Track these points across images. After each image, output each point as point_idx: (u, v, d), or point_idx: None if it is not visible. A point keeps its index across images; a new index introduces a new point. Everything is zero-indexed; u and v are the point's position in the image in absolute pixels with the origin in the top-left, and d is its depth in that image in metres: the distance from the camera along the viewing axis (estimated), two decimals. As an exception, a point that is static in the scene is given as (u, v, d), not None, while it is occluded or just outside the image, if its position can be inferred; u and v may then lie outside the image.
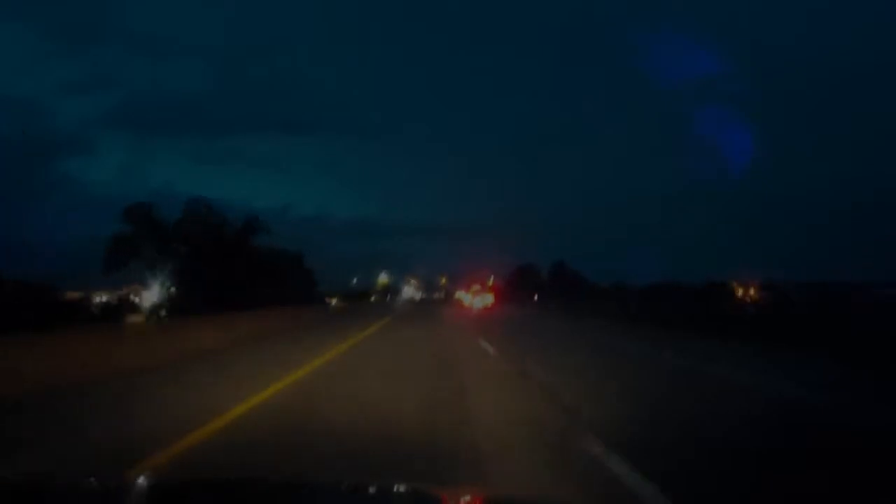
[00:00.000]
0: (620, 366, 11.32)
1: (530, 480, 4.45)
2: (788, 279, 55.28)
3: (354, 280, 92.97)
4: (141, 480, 3.42)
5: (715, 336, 16.79)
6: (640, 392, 8.25)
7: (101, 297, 36.45)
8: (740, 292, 57.83)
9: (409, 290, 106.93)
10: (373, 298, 78.08)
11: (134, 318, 27.70)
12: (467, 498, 2.69)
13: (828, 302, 32.37)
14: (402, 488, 2.68)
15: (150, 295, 31.38)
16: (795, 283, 51.61)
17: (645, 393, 8.20)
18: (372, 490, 2.63)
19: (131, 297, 36.28)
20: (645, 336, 18.45)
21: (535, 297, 73.25)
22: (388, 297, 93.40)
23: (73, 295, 31.81)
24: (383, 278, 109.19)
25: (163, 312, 28.68)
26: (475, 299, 60.10)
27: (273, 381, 8.70)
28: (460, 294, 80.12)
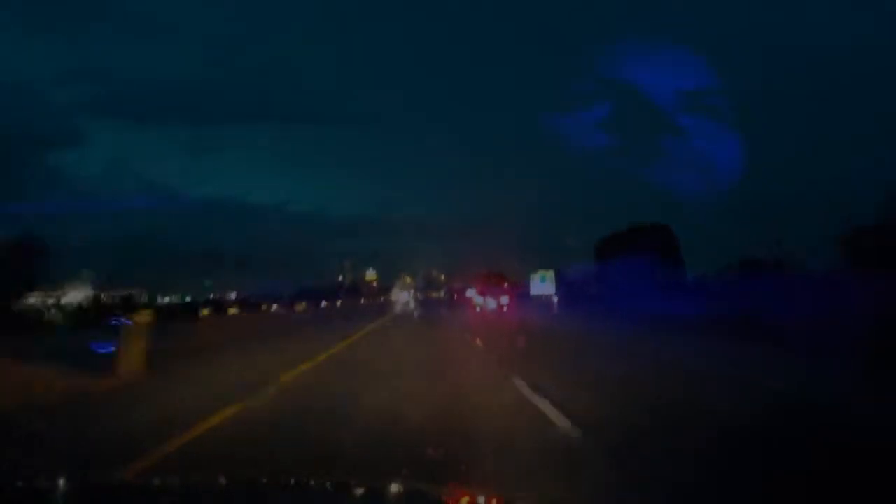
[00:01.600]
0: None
1: None
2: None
3: (341, 277, 78.95)
4: (140, 481, 3.65)
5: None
6: None
7: None
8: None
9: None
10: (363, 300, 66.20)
11: None
12: (467, 498, 2.68)
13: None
14: (402, 488, 2.76)
15: None
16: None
17: None
18: (372, 490, 2.64)
19: None
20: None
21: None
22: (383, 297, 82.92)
23: None
24: (371, 275, 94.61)
25: None
26: (487, 300, 52.63)
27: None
28: (471, 293, 69.52)
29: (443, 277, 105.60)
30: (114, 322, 13.14)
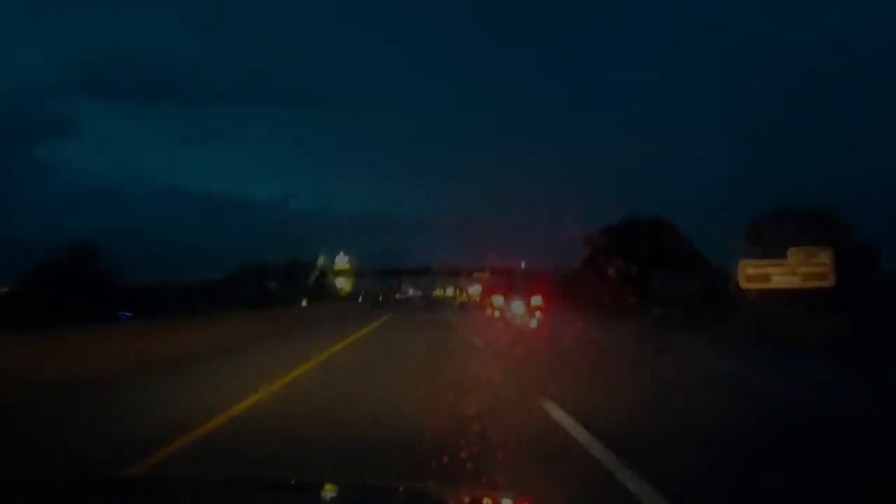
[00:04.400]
0: None
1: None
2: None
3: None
4: (140, 480, 3.81)
5: None
6: None
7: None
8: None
9: None
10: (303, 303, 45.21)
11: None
12: (467, 498, 2.69)
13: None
14: (402, 488, 2.67)
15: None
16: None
17: None
18: (372, 490, 2.60)
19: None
20: None
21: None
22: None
23: None
24: (342, 264, 63.61)
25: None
26: (512, 303, 39.54)
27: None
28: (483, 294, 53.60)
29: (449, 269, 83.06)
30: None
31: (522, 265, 60.01)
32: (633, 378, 11.15)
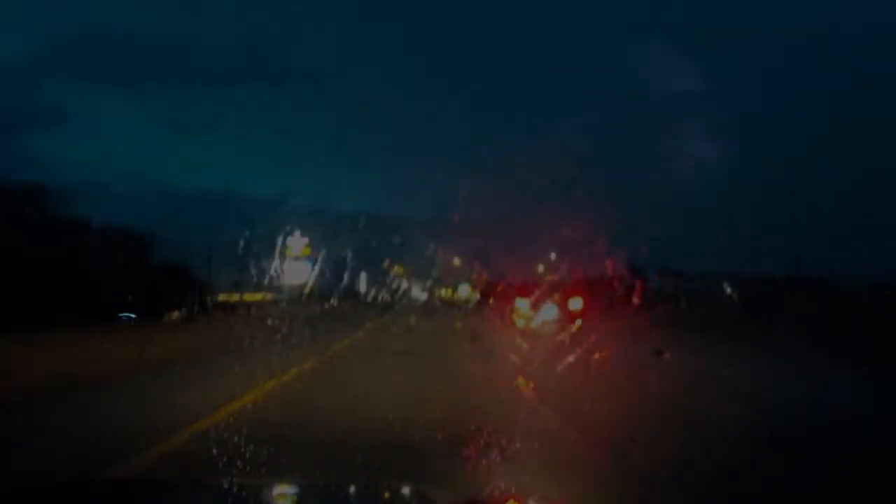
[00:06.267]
0: None
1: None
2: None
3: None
4: (139, 480, 3.58)
5: None
6: None
7: None
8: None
9: None
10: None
11: None
12: (467, 499, 2.60)
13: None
14: (402, 489, 2.70)
15: None
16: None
17: None
18: (372, 491, 2.63)
19: None
20: None
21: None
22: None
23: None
24: (299, 249, 40.83)
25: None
26: (543, 308, 26.62)
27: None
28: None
29: (456, 261, 53.80)
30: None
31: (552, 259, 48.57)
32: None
